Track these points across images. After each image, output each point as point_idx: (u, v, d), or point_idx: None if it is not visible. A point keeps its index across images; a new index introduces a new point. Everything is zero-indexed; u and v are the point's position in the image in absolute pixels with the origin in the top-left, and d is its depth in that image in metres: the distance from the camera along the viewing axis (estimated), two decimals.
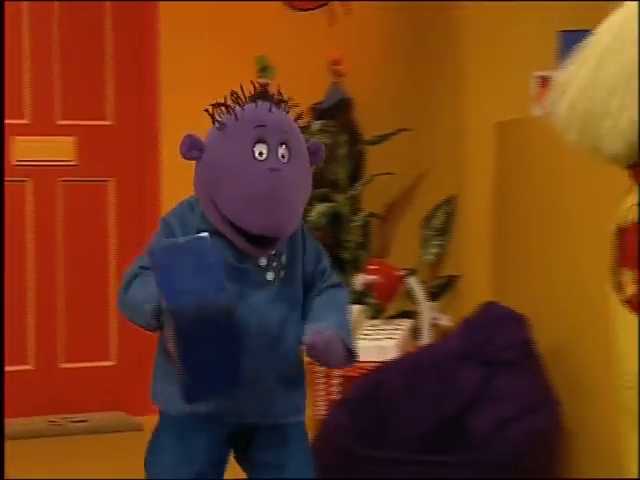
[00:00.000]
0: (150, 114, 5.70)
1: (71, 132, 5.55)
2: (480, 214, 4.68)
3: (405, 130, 5.26)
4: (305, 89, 4.99)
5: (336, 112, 5.37)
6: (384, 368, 3.86)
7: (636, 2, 2.27)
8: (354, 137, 5.37)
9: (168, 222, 2.66)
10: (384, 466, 3.48)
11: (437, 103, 5.21)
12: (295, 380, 2.70)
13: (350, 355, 2.62)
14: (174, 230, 2.62)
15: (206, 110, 2.59)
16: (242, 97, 2.56)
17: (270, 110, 2.57)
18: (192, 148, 2.57)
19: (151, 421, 5.39)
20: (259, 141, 2.50)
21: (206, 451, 2.66)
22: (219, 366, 2.50)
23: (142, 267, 2.62)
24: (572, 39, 4.87)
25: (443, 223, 5.14)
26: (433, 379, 3.66)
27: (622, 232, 2.28)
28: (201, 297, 2.42)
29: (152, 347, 5.56)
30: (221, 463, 2.72)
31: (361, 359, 3.62)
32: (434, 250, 5.18)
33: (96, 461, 4.65)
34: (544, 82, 4.51)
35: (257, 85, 2.62)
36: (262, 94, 2.60)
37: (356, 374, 4.10)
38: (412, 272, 4.89)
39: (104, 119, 5.68)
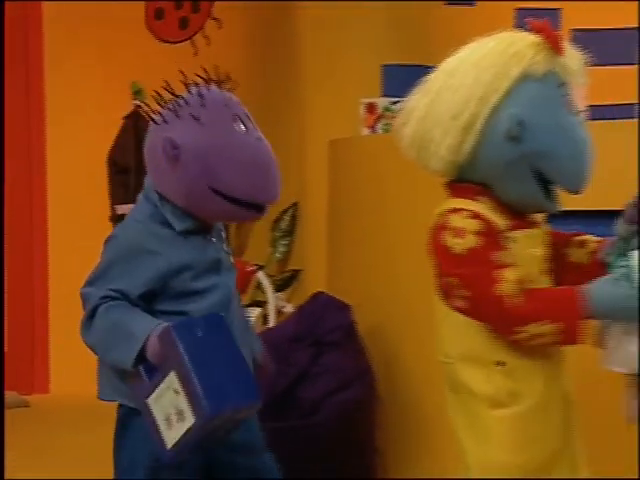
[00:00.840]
0: (37, 135, 5.69)
1: None
2: (319, 218, 4.71)
3: None
4: None
5: None
6: None
7: (467, 52, 2.34)
8: None
9: (143, 247, 2.33)
10: None
11: (284, 123, 5.25)
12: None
13: None
14: (158, 251, 2.32)
15: (153, 106, 2.37)
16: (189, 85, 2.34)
17: (221, 91, 2.39)
18: (173, 148, 2.30)
19: (36, 399, 5.43)
20: (234, 117, 2.34)
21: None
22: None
23: (103, 298, 2.29)
24: (393, 71, 5.07)
25: (289, 226, 5.25)
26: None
27: (429, 234, 2.34)
28: (244, 405, 2.23)
29: (38, 337, 5.59)
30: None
31: None
32: (282, 249, 5.30)
33: None
34: (370, 107, 4.62)
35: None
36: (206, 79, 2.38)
37: None
38: (262, 267, 4.99)
39: None
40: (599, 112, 4.77)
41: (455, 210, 2.28)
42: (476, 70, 2.25)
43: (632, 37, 5.43)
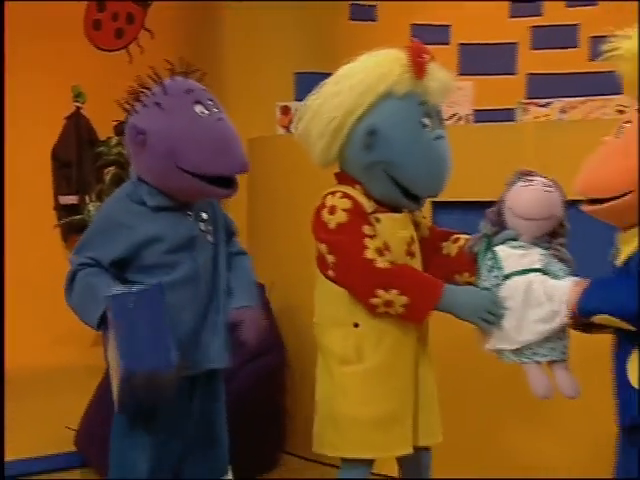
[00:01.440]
0: None
1: None
2: (239, 207, 4.71)
3: None
4: (110, 111, 5.02)
5: None
6: None
7: (353, 64, 2.44)
8: None
9: (118, 221, 2.38)
10: None
11: None
12: (225, 328, 2.48)
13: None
14: (131, 225, 2.37)
15: (124, 99, 2.43)
16: (159, 77, 2.39)
17: (185, 79, 2.43)
18: (138, 133, 2.34)
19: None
20: (195, 102, 2.35)
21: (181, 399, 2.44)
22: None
23: (81, 264, 2.37)
24: (304, 78, 5.10)
25: None
26: None
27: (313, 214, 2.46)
28: (155, 369, 2.24)
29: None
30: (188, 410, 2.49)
31: None
32: None
33: None
34: (284, 110, 4.64)
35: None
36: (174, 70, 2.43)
37: None
38: None
39: None
40: (483, 116, 4.84)
41: (332, 192, 2.41)
42: (351, 82, 2.36)
43: (511, 50, 5.53)
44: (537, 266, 2.24)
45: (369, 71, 2.37)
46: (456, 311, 2.31)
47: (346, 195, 2.38)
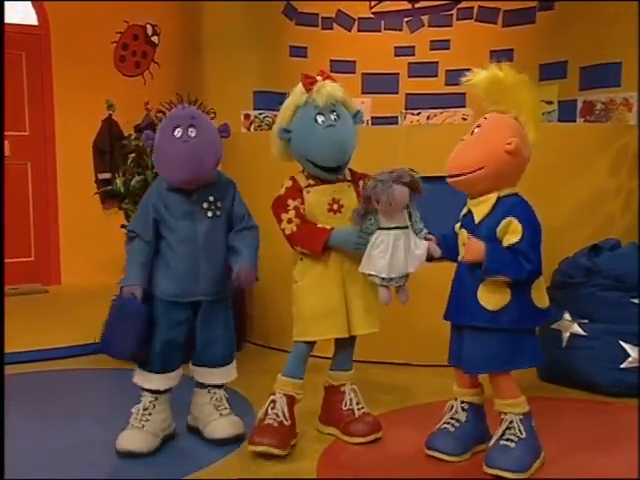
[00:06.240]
0: (49, 128, 5.37)
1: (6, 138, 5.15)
2: None
3: None
4: (132, 117, 4.90)
5: (146, 129, 5.22)
6: None
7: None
8: None
9: (150, 196, 2.32)
10: None
11: None
12: (219, 275, 2.33)
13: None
14: (151, 195, 2.32)
15: (156, 117, 2.34)
16: (169, 107, 2.34)
17: (183, 108, 2.31)
18: (148, 139, 2.27)
19: (52, 288, 5.24)
20: (175, 127, 2.20)
21: (181, 314, 2.32)
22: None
23: (132, 232, 2.33)
24: (260, 95, 5.00)
25: None
26: None
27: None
28: (114, 355, 2.30)
29: (52, 247, 5.36)
30: (188, 321, 2.35)
31: None
32: None
33: (27, 310, 4.44)
34: (246, 116, 4.57)
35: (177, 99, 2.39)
36: (179, 101, 2.38)
37: None
38: None
39: (24, 131, 5.31)
40: (378, 120, 4.79)
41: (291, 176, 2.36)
42: (283, 105, 2.36)
43: (396, 78, 5.53)
44: (404, 224, 2.17)
45: (289, 98, 2.35)
46: (340, 246, 2.28)
47: (292, 178, 2.36)
